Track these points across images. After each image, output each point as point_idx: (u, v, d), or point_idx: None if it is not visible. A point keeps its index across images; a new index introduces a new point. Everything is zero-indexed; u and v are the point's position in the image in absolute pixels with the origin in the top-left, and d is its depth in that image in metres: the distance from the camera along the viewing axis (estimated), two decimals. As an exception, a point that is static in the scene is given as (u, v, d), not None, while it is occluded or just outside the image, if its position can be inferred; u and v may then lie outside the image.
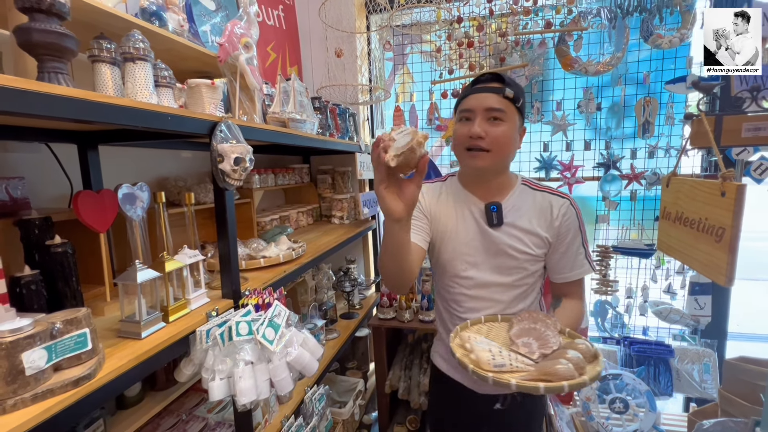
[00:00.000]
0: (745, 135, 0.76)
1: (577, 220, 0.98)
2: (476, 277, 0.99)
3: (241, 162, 0.86)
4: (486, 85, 0.95)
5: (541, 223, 0.97)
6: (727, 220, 0.66)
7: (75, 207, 0.81)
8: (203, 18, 1.55)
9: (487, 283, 0.99)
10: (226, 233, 0.91)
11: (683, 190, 0.81)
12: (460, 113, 0.98)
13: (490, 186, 1.00)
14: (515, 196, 0.99)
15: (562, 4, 1.82)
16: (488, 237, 0.97)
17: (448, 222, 1.01)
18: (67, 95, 0.60)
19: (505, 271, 0.98)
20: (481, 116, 0.93)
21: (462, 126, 0.96)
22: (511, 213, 0.97)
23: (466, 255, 0.99)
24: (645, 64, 1.91)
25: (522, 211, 0.98)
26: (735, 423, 0.93)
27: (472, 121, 0.94)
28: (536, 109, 2.05)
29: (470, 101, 0.95)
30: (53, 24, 0.64)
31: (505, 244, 0.96)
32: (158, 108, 0.78)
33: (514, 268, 0.98)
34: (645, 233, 2.00)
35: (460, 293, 1.01)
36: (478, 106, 0.93)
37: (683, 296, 1.96)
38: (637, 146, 1.96)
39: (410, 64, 2.29)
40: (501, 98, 0.92)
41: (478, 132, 0.91)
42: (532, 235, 0.97)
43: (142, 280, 0.72)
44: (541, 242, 0.97)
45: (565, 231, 0.97)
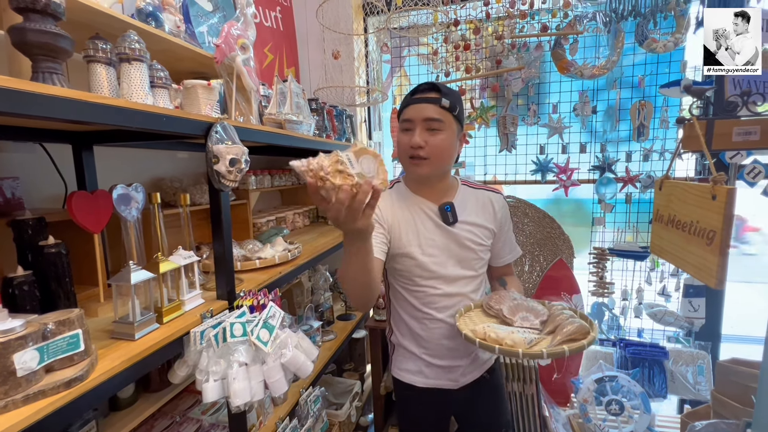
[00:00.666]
0: (735, 139, 0.76)
1: (508, 211, 1.15)
2: (445, 274, 1.05)
3: (236, 163, 0.86)
4: (423, 95, 1.00)
5: (487, 217, 1.10)
6: (718, 223, 0.67)
7: (69, 207, 0.81)
8: (200, 19, 1.55)
9: (455, 277, 1.06)
10: (222, 234, 0.91)
11: (675, 193, 0.82)
12: (402, 123, 1.04)
13: (438, 189, 1.08)
14: (461, 196, 1.09)
15: (558, 8, 1.84)
16: (448, 234, 1.05)
17: (407, 226, 1.05)
18: (62, 96, 0.60)
19: (467, 264, 1.07)
20: (420, 126, 0.99)
21: (404, 136, 1.03)
22: (461, 211, 1.07)
23: (431, 256, 1.04)
24: (640, 68, 1.93)
25: (470, 209, 1.08)
26: (727, 425, 0.93)
27: (412, 131, 1.00)
28: (533, 111, 2.06)
29: (410, 112, 1.01)
30: (48, 24, 0.64)
31: (464, 238, 1.05)
32: (153, 109, 0.78)
33: (474, 260, 1.08)
34: (640, 236, 2.02)
35: (432, 294, 1.05)
36: (417, 116, 0.99)
37: (677, 298, 1.97)
38: (632, 149, 1.97)
39: (407, 66, 2.30)
40: (438, 108, 0.98)
41: (418, 142, 0.98)
42: (482, 228, 1.08)
43: (136, 281, 0.72)
44: (489, 233, 1.10)
45: (503, 221, 1.13)
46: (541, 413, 1.67)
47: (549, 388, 2.02)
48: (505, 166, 2.20)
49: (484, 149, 2.22)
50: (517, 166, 2.17)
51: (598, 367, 1.85)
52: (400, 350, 1.15)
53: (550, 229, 2.14)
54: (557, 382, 2.05)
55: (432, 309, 1.05)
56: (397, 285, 1.10)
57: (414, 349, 1.10)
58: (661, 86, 1.80)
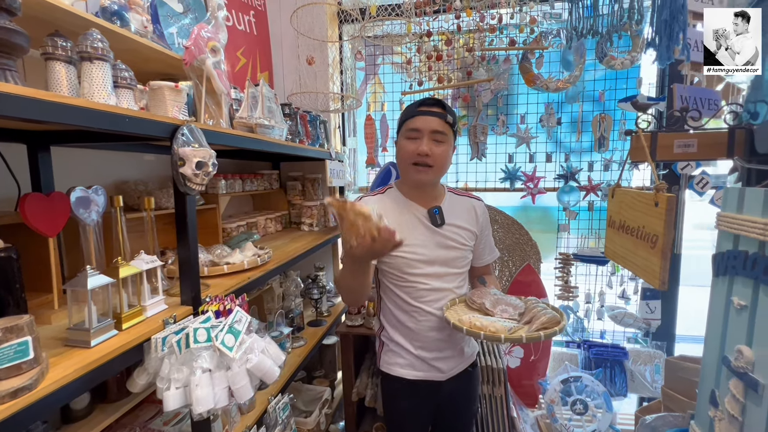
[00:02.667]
0: (676, 151, 0.83)
1: (488, 217, 1.27)
2: (433, 271, 1.14)
3: (203, 166, 0.85)
4: (431, 109, 1.10)
5: (470, 221, 1.20)
6: (660, 228, 0.72)
7: (21, 210, 0.77)
8: (170, 20, 1.52)
9: (442, 273, 1.15)
10: (187, 238, 0.90)
11: (625, 200, 0.88)
12: (408, 131, 1.11)
13: (429, 194, 1.19)
14: (448, 201, 1.20)
15: (524, 24, 1.92)
16: (436, 235, 1.15)
17: (399, 228, 1.08)
18: (16, 93, 0.58)
19: (452, 262, 1.17)
20: (427, 137, 1.09)
21: (410, 143, 1.10)
22: (448, 214, 1.16)
23: (422, 255, 1.13)
24: (600, 83, 2.04)
25: (455, 213, 1.18)
26: (674, 417, 1.00)
27: (419, 140, 1.09)
28: (501, 122, 2.14)
29: (417, 122, 1.10)
30: (3, 20, 0.62)
31: (450, 239, 1.16)
32: (115, 109, 0.76)
33: (459, 258, 1.18)
34: (601, 242, 2.11)
35: (422, 289, 1.14)
36: (425, 127, 1.08)
37: (636, 301, 2.07)
38: (593, 159, 2.08)
39: (382, 74, 2.33)
40: (443, 122, 1.09)
41: (426, 150, 1.08)
42: (466, 231, 1.19)
43: (93, 286, 0.69)
44: (472, 236, 1.20)
45: (484, 225, 1.24)
46: (510, 414, 1.71)
47: (517, 390, 2.08)
48: (475, 173, 2.26)
49: (455, 157, 2.27)
50: (487, 173, 2.24)
51: (564, 369, 1.92)
52: (391, 345, 1.21)
53: (519, 235, 2.21)
54: (526, 384, 2.10)
55: (422, 302, 1.14)
56: (387, 282, 1.18)
57: (404, 343, 1.17)
58: (619, 101, 1.91)
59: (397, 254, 1.11)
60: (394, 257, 1.12)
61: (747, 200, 0.70)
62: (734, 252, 0.72)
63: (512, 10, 1.89)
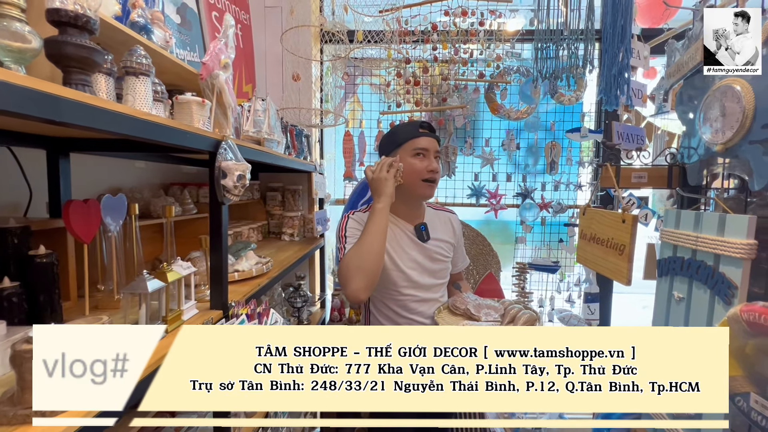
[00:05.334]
0: (633, 180, 1.08)
1: (461, 228, 1.40)
2: (422, 283, 1.23)
3: (242, 179, 0.92)
4: (430, 132, 1.23)
5: (449, 234, 1.32)
6: (627, 239, 0.94)
7: (65, 216, 0.78)
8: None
9: (430, 285, 1.25)
10: (220, 246, 0.94)
11: (596, 218, 1.10)
12: (416, 150, 1.20)
13: (416, 211, 1.28)
14: (429, 217, 1.30)
15: (492, 60, 2.19)
16: (423, 249, 1.24)
17: (390, 243, 1.20)
18: (99, 105, 0.63)
19: (438, 273, 1.27)
20: (432, 156, 1.21)
21: (419, 161, 1.20)
22: (432, 230, 1.27)
23: (411, 269, 1.22)
24: (552, 115, 2.37)
25: (437, 227, 1.29)
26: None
27: (427, 158, 1.20)
28: (469, 144, 2.38)
29: (423, 142, 1.20)
30: (84, 39, 0.66)
31: (436, 252, 1.25)
32: (168, 122, 0.81)
33: (443, 269, 1.29)
34: (552, 252, 2.42)
35: (410, 300, 1.22)
36: (431, 147, 1.21)
37: (579, 304, 2.40)
38: (546, 180, 2.39)
39: (360, 93, 2.47)
40: (438, 144, 1.25)
41: (437, 167, 1.21)
42: (447, 243, 1.30)
43: (153, 288, 0.73)
44: (451, 247, 1.32)
45: (459, 236, 1.38)
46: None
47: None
48: (445, 189, 2.47)
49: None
50: (455, 190, 2.46)
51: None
52: None
53: (482, 246, 2.44)
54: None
55: (414, 314, 1.23)
56: (380, 296, 1.25)
57: None
58: (567, 131, 2.24)
59: (391, 270, 1.19)
60: (388, 273, 1.19)
61: (683, 220, 0.94)
62: (674, 258, 0.96)
63: (482, 47, 2.15)
